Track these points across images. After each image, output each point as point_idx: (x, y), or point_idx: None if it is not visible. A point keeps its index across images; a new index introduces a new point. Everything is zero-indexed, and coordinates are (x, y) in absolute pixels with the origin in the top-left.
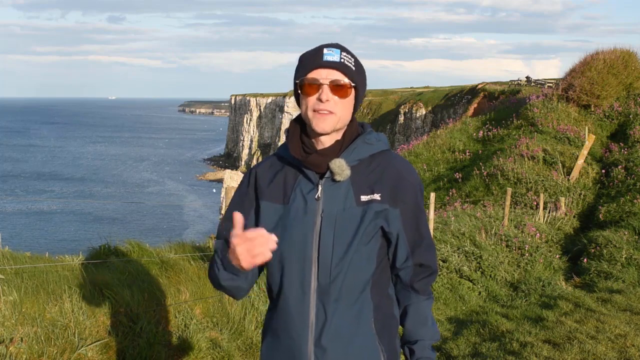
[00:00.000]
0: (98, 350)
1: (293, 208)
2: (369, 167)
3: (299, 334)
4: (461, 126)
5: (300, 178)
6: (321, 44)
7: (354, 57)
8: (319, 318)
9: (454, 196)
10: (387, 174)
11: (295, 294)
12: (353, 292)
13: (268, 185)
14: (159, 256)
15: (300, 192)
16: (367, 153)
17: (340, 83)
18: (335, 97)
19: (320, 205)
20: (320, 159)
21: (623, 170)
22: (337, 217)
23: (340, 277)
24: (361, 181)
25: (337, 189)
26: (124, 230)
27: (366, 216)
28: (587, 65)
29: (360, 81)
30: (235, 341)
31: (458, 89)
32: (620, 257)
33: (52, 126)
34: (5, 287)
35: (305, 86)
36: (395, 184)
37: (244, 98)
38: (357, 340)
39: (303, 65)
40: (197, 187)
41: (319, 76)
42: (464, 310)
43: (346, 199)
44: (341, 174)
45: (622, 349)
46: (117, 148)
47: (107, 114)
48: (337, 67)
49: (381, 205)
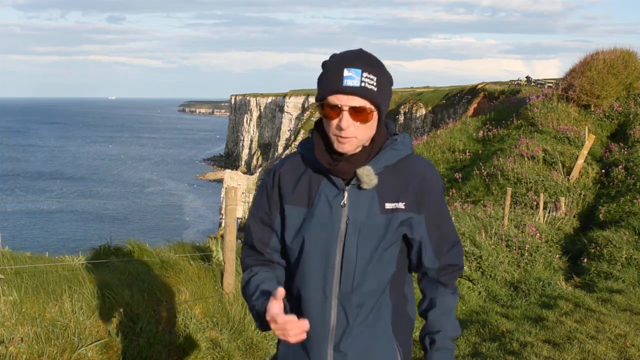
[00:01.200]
0: (98, 350)
1: (317, 212)
2: (393, 174)
3: (319, 338)
4: (461, 126)
5: (325, 182)
6: (343, 57)
7: (377, 73)
8: (339, 323)
9: (454, 196)
10: (410, 179)
11: (317, 298)
12: (373, 296)
13: (293, 189)
14: (159, 256)
15: (325, 197)
16: (394, 159)
17: (360, 110)
18: (357, 123)
19: (346, 212)
20: (348, 166)
21: (623, 170)
22: (362, 224)
23: (363, 283)
24: (385, 188)
25: (362, 196)
26: (124, 230)
27: (391, 225)
28: (587, 65)
29: (384, 100)
30: (235, 341)
31: (458, 89)
32: (620, 257)
33: (52, 126)
34: (5, 287)
35: (326, 110)
36: (419, 190)
37: (244, 98)
38: (375, 343)
39: (323, 85)
40: (197, 187)
41: (339, 102)
42: (464, 310)
43: (371, 206)
44: (369, 183)
45: (622, 349)
46: (117, 148)
47: (107, 114)
48: (357, 93)
49: (406, 214)
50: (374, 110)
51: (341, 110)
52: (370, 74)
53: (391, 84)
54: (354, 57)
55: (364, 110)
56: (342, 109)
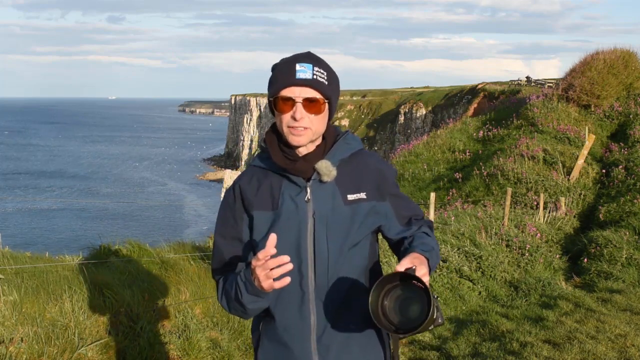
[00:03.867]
0: (98, 350)
1: (283, 212)
2: (349, 167)
3: (301, 335)
4: (461, 126)
5: (286, 183)
6: (294, 56)
7: (327, 70)
8: (319, 316)
9: (454, 196)
10: (367, 172)
11: (295, 294)
12: (349, 287)
13: (255, 195)
14: (159, 256)
15: (289, 196)
16: (348, 152)
17: (313, 100)
18: (310, 115)
19: (311, 207)
20: (306, 164)
21: (623, 170)
22: (329, 217)
23: (337, 275)
24: (345, 180)
25: (324, 190)
26: (124, 230)
27: (356, 216)
28: (587, 65)
29: (334, 94)
30: (235, 341)
31: (458, 89)
32: (621, 257)
33: (52, 126)
34: (5, 287)
35: (279, 104)
36: (377, 181)
37: (244, 98)
38: (358, 334)
39: (276, 80)
40: (197, 187)
41: (292, 94)
42: (464, 310)
43: (334, 199)
44: (329, 175)
45: (622, 349)
46: (117, 148)
47: (107, 114)
48: (310, 85)
49: (369, 204)
50: (325, 102)
51: (294, 102)
52: (320, 69)
53: (339, 85)
54: (305, 55)
55: (317, 101)
56: (295, 101)
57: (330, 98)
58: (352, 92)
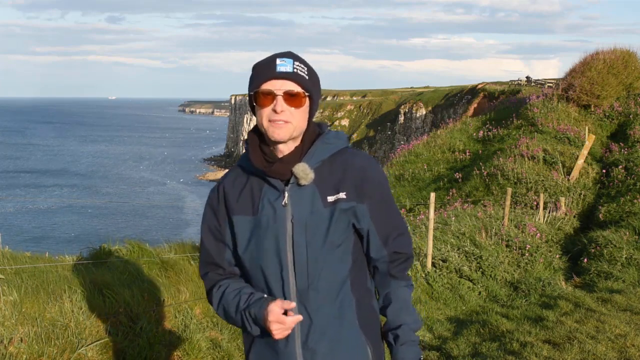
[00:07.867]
0: (98, 350)
1: (263, 218)
2: (330, 168)
3: (285, 340)
4: (461, 126)
5: (266, 187)
6: (274, 54)
7: (307, 66)
8: (303, 321)
9: (454, 196)
10: (349, 171)
11: None
12: (332, 291)
13: (237, 199)
14: (159, 256)
15: (268, 201)
16: (327, 154)
17: (294, 93)
18: (291, 108)
19: (289, 211)
20: (283, 166)
21: (623, 170)
22: (307, 220)
23: (318, 279)
24: (325, 182)
25: (303, 193)
26: (124, 230)
27: (334, 216)
28: (587, 65)
29: (315, 89)
30: (235, 341)
31: (458, 89)
32: (621, 257)
33: (52, 126)
34: (5, 287)
35: (259, 98)
36: (359, 181)
37: (244, 98)
38: (343, 337)
39: (257, 76)
40: (197, 187)
41: (273, 87)
42: (464, 310)
43: (313, 201)
44: (305, 178)
45: (622, 349)
46: (117, 147)
47: (107, 114)
48: (291, 78)
49: (348, 204)
50: (306, 96)
51: (275, 95)
52: (301, 64)
53: (319, 83)
54: (285, 53)
55: (297, 94)
56: (276, 94)
57: (311, 92)
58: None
